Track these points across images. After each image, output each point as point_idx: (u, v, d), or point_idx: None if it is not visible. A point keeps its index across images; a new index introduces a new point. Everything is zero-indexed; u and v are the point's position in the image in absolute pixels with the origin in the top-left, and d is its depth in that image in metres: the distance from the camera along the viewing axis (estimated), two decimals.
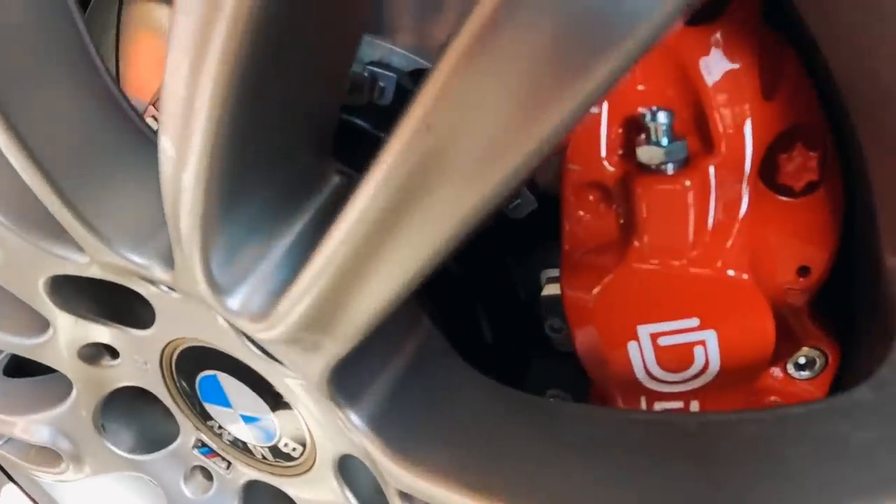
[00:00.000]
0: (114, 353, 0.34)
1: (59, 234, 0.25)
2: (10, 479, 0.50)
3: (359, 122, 0.26)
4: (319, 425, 0.27)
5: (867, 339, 0.24)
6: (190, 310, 0.26)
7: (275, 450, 0.32)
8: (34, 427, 0.38)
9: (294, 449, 0.31)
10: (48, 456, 0.41)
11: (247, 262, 0.18)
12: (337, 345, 0.18)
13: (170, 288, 0.25)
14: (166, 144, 0.16)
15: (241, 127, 0.14)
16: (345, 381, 0.21)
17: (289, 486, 0.33)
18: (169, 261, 0.21)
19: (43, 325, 0.32)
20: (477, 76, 0.12)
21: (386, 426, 0.21)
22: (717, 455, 0.17)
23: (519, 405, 0.21)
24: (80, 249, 0.23)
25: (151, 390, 0.34)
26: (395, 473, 0.22)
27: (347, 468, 0.31)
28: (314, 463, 0.31)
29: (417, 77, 0.28)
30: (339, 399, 0.21)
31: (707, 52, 0.21)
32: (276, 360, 0.26)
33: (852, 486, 0.16)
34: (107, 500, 0.52)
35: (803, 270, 0.25)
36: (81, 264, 0.25)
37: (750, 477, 0.16)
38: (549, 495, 0.16)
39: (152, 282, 0.25)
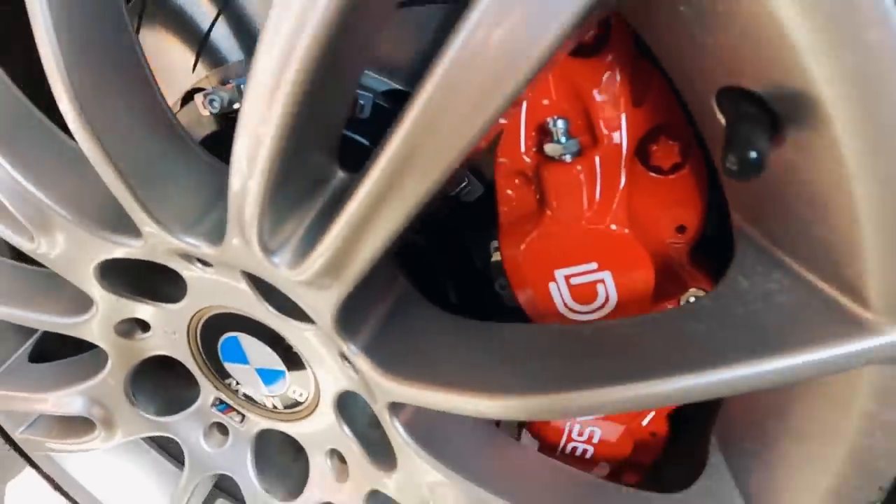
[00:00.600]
0: (145, 327, 0.40)
1: (116, 224, 0.32)
2: (33, 464, 0.55)
3: (346, 132, 0.34)
4: (323, 367, 0.34)
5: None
6: (219, 281, 0.33)
7: (284, 398, 0.39)
8: (68, 399, 0.44)
9: (301, 395, 0.38)
10: (78, 427, 0.47)
11: (285, 232, 0.25)
12: (342, 286, 0.25)
13: (205, 264, 0.32)
14: (240, 164, 0.23)
15: (289, 145, 0.22)
16: (346, 320, 0.29)
17: (296, 429, 0.40)
18: (214, 240, 0.28)
19: (86, 305, 0.38)
20: (435, 109, 0.20)
21: (377, 352, 0.29)
22: (598, 349, 0.25)
23: (471, 330, 0.29)
24: (138, 236, 0.30)
25: (178, 357, 0.41)
26: (386, 387, 0.29)
27: (345, 407, 0.38)
28: (317, 405, 0.38)
29: (389, 96, 0.36)
30: (343, 333, 0.28)
31: (596, 79, 0.29)
32: (290, 316, 0.33)
33: (685, 362, 0.25)
34: (121, 480, 0.58)
35: (681, 229, 0.33)
36: (135, 248, 0.32)
37: (611, 359, 0.24)
38: (481, 381, 0.25)
39: (192, 260, 0.32)
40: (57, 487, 0.58)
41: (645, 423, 0.35)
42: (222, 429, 0.44)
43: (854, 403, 0.24)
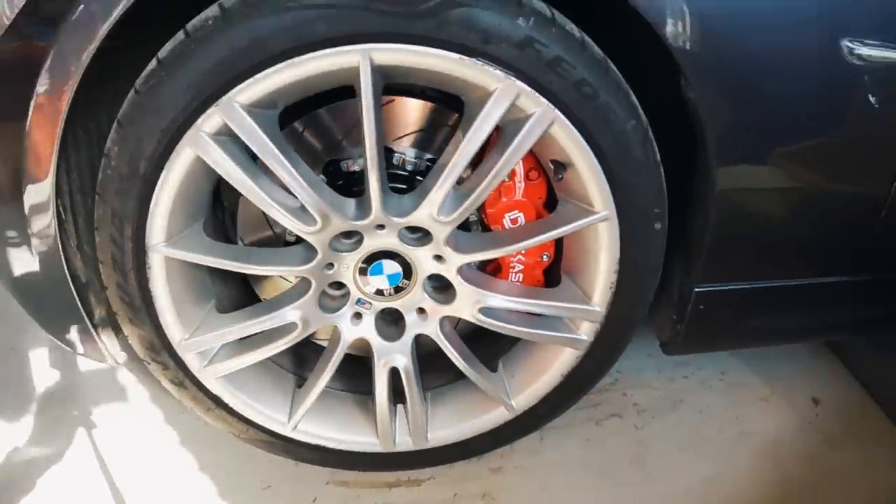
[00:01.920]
0: (330, 266, 0.87)
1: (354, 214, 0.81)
2: (221, 404, 0.96)
3: None
4: (422, 268, 0.85)
5: None
6: (376, 235, 0.83)
7: (397, 288, 0.89)
8: (284, 314, 0.88)
9: (406, 284, 0.88)
10: (283, 331, 0.90)
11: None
12: (455, 224, 0.78)
13: (379, 227, 0.82)
14: (371, 175, 0.75)
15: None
16: (454, 241, 0.82)
17: (397, 302, 0.90)
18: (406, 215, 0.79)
19: (311, 258, 0.84)
20: None
21: (459, 248, 0.82)
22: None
23: (482, 235, 0.84)
24: (350, 218, 0.80)
25: (345, 281, 0.88)
26: (457, 257, 0.83)
27: (428, 284, 0.89)
28: (413, 287, 0.89)
29: None
30: (449, 247, 0.81)
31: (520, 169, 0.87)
32: (415, 244, 0.84)
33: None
34: None
35: (540, 199, 0.92)
36: (362, 224, 0.81)
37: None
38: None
39: (373, 227, 0.81)
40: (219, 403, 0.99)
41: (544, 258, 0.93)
42: (358, 315, 0.92)
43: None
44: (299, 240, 0.91)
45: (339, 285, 0.88)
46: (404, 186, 0.88)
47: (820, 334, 1.03)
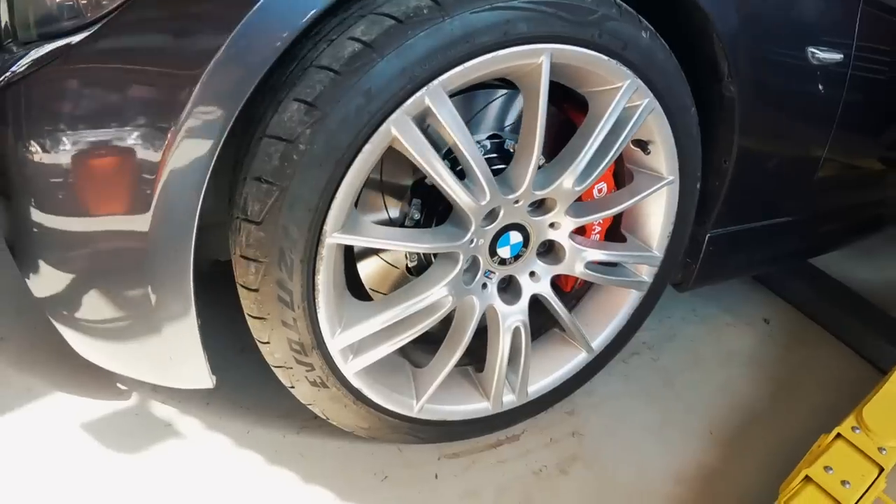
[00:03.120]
0: (471, 241, 0.97)
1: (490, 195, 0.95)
2: (361, 398, 0.98)
3: None
4: (538, 235, 1.02)
5: None
6: (512, 209, 0.97)
7: (517, 256, 1.03)
8: (436, 293, 0.95)
9: (523, 251, 1.03)
10: (429, 311, 0.97)
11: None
12: (581, 192, 0.97)
13: (516, 202, 0.97)
14: (532, 156, 0.92)
15: None
16: (571, 209, 1.00)
17: (515, 269, 1.04)
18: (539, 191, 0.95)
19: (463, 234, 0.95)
20: None
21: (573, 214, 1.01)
22: None
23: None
24: (502, 194, 0.94)
25: (480, 255, 0.99)
26: (569, 222, 1.02)
27: (540, 250, 1.06)
28: (528, 254, 1.04)
29: None
30: (568, 215, 0.99)
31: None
32: (537, 214, 1.00)
33: None
34: None
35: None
36: (509, 199, 0.95)
37: None
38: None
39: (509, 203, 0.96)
40: None
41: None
42: (484, 284, 1.04)
43: None
44: (418, 223, 1.01)
45: (472, 259, 1.01)
46: (504, 166, 1.01)
47: (781, 261, 1.44)
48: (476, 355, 1.11)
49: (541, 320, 1.17)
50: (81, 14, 0.80)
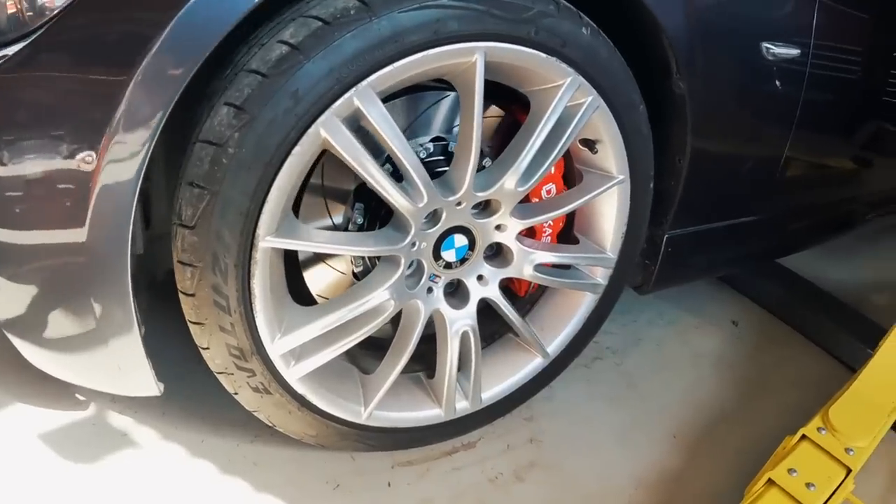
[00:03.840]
0: (413, 244, 0.96)
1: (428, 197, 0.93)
2: (306, 404, 0.96)
3: None
4: (483, 237, 1.00)
5: None
6: (455, 211, 0.96)
7: (463, 259, 1.01)
8: (378, 296, 0.94)
9: (469, 255, 1.02)
10: (372, 315, 0.96)
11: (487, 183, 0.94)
12: (524, 194, 0.95)
13: (458, 204, 0.95)
14: (470, 156, 0.91)
15: None
16: (517, 211, 0.99)
17: (461, 273, 1.02)
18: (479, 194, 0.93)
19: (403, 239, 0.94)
20: None
21: (517, 216, 0.99)
22: None
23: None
24: (441, 196, 0.92)
25: (423, 258, 0.98)
26: (514, 223, 1.00)
27: (488, 253, 1.04)
28: (474, 257, 1.02)
29: None
30: (513, 216, 0.98)
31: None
32: (482, 217, 0.99)
33: None
34: None
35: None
36: (450, 201, 0.93)
37: None
38: None
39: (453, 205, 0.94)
40: None
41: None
42: (430, 289, 1.02)
43: None
44: (361, 227, 1.00)
45: (416, 263, 0.99)
46: (446, 169, 0.99)
47: (746, 262, 1.42)
48: (428, 361, 1.09)
49: (495, 326, 1.15)
50: (26, 24, 0.79)
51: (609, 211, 1.08)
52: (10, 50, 0.78)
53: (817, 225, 1.44)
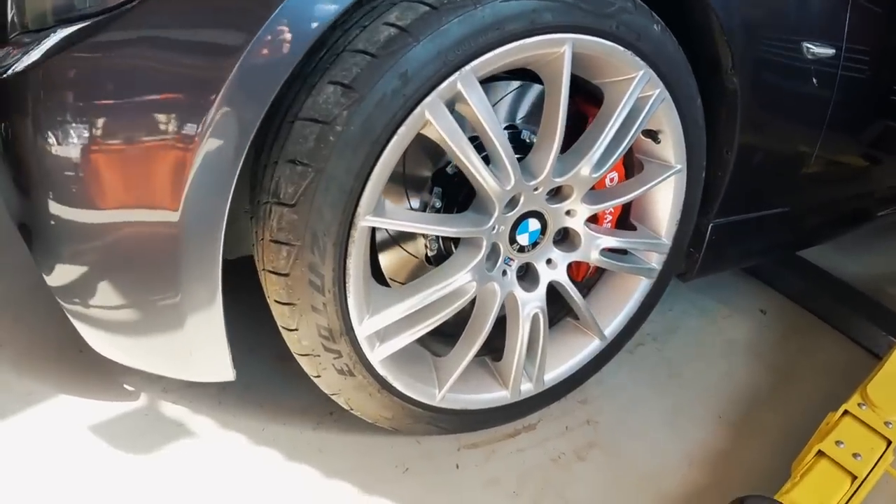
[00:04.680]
0: (493, 227, 0.98)
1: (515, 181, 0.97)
2: (386, 386, 0.98)
3: None
4: (555, 222, 1.04)
5: None
6: (532, 196, 0.99)
7: (535, 243, 1.05)
8: (461, 279, 0.96)
9: (541, 238, 1.05)
10: (453, 297, 0.98)
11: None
12: (598, 179, 1.00)
13: (535, 189, 0.99)
14: (554, 143, 0.96)
15: None
16: (587, 197, 1.03)
17: (532, 256, 1.06)
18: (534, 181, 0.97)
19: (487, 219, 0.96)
20: None
21: (587, 202, 1.04)
22: None
23: None
24: (525, 180, 0.96)
25: (500, 241, 1.01)
26: (584, 209, 1.05)
27: (557, 238, 1.08)
28: (546, 240, 1.06)
29: None
30: (584, 202, 1.02)
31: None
32: (555, 202, 1.02)
33: None
34: None
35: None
36: (530, 186, 0.97)
37: None
38: None
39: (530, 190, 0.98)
40: None
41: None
42: (504, 272, 1.05)
43: None
44: (438, 212, 1.03)
45: (493, 246, 1.02)
46: (520, 156, 1.01)
47: (774, 252, 1.50)
48: (490, 345, 1.12)
49: (554, 310, 1.19)
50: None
51: (665, 199, 1.14)
52: (94, 22, 0.78)
53: (837, 219, 1.53)
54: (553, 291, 1.11)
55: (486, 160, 0.93)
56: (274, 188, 0.83)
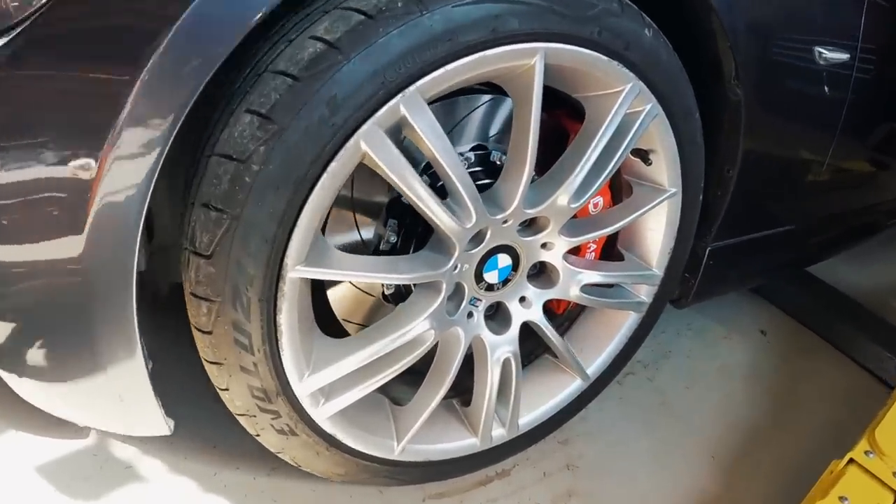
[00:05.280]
0: (454, 267, 0.86)
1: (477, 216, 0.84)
2: (335, 443, 0.86)
3: None
4: (528, 257, 0.91)
5: None
6: (500, 229, 0.86)
7: (505, 281, 0.92)
8: (418, 326, 0.84)
9: (512, 275, 0.93)
10: (412, 346, 0.86)
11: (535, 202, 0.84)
12: (577, 210, 0.86)
13: (504, 221, 0.86)
14: (525, 169, 0.81)
15: None
16: (566, 228, 0.90)
17: (503, 295, 0.93)
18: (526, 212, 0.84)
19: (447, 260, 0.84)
20: None
21: (566, 233, 0.90)
22: None
23: None
24: (489, 214, 0.83)
25: (464, 281, 0.88)
26: (562, 241, 0.91)
27: (531, 273, 0.95)
28: (519, 277, 0.94)
29: None
30: (562, 234, 0.89)
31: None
32: (528, 235, 0.89)
33: None
34: None
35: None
36: (497, 219, 0.84)
37: None
38: None
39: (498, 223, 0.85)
40: None
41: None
42: (470, 313, 0.93)
43: None
44: (394, 246, 0.90)
45: (457, 286, 0.89)
46: (490, 181, 0.90)
47: (778, 272, 1.37)
48: (460, 386, 1.00)
49: (531, 345, 1.07)
50: (8, 16, 0.66)
51: (658, 225, 1.00)
52: None
53: (845, 233, 1.40)
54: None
55: (444, 192, 0.79)
56: (191, 235, 0.70)
